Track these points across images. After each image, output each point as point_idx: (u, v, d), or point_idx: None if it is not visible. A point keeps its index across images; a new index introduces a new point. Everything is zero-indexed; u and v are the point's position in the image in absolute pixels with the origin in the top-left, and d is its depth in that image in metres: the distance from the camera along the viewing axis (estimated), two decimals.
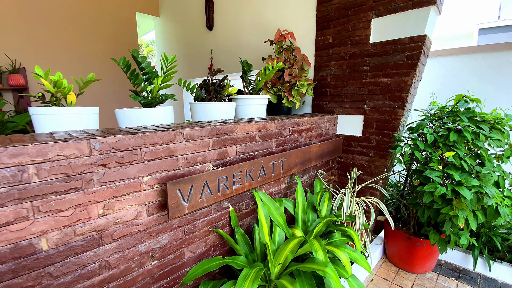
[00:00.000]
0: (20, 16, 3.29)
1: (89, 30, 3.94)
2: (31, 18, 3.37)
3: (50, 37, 3.55)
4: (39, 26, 3.44)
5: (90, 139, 0.93)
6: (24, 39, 3.30)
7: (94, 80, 1.36)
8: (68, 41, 3.72)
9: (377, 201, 1.91)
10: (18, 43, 3.26)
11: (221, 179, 1.34)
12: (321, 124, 2.21)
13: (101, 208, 0.99)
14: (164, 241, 1.21)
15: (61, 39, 3.66)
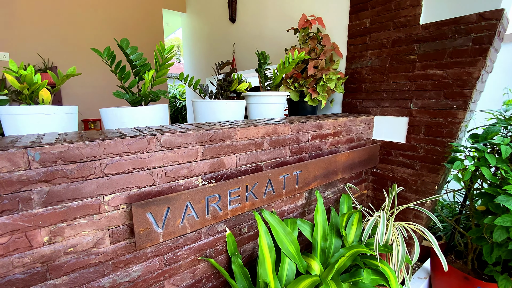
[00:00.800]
0: (52, 17, 3.41)
1: (116, 28, 3.98)
2: (61, 18, 3.47)
3: (79, 35, 3.64)
4: (69, 26, 3.54)
5: (28, 148, 0.72)
6: (56, 39, 3.42)
7: (75, 74, 1.18)
8: (96, 39, 3.79)
9: (423, 229, 1.46)
10: (50, 43, 3.38)
11: (211, 198, 1.06)
12: (352, 128, 1.81)
13: (46, 234, 0.78)
14: (135, 274, 0.98)
15: (89, 37, 3.73)
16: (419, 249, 1.41)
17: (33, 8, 3.31)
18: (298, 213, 1.58)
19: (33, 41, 3.29)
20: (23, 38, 3.25)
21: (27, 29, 3.29)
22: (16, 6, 3.23)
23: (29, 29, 3.30)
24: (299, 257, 1.32)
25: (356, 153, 1.77)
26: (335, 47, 2.13)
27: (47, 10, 3.37)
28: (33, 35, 3.30)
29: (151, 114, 1.27)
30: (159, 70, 1.36)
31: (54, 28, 3.44)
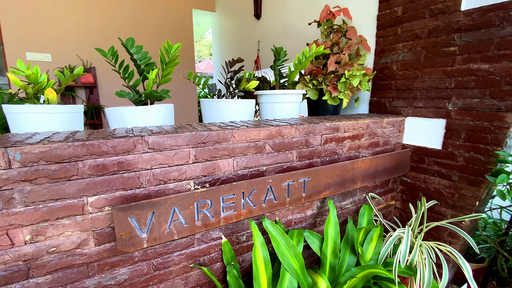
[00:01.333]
0: (89, 21, 3.68)
1: (148, 28, 4.16)
2: (97, 21, 3.73)
3: (114, 37, 3.88)
4: (104, 29, 3.79)
5: (8, 147, 0.73)
6: (93, 42, 3.68)
7: (80, 74, 1.20)
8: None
9: (454, 252, 1.22)
10: (88, 45, 3.65)
11: (201, 204, 0.99)
12: (377, 130, 1.60)
13: (28, 233, 0.79)
14: (122, 277, 0.96)
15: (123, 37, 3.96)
16: (447, 274, 1.18)
17: (73, 13, 3.61)
18: (308, 223, 1.44)
19: (73, 43, 3.59)
20: (64, 41, 3.57)
21: (68, 32, 3.61)
22: (58, 10, 3.55)
23: (69, 32, 3.61)
24: (303, 273, 1.19)
25: (380, 159, 1.56)
26: (362, 40, 1.92)
27: (85, 14, 3.65)
28: (73, 38, 3.60)
29: (153, 113, 1.24)
30: (164, 69, 1.33)
31: (91, 31, 3.71)
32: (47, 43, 3.49)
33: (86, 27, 3.68)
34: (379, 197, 1.67)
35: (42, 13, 3.46)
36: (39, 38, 3.45)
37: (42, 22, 3.47)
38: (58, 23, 3.54)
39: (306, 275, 1.21)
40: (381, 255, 1.28)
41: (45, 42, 3.48)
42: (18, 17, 3.36)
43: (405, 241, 1.25)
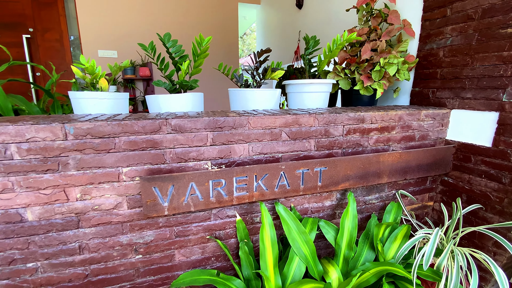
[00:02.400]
0: (145, 19, 4.12)
1: (195, 23, 4.45)
2: (152, 19, 4.15)
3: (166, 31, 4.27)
4: (157, 25, 4.20)
5: (65, 123, 0.94)
6: (149, 37, 4.12)
7: (126, 66, 1.41)
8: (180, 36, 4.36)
9: (489, 261, 1.09)
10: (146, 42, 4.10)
11: (215, 183, 1.10)
12: (412, 123, 1.48)
13: (78, 192, 1.01)
14: (148, 238, 1.14)
15: (174, 35, 4.33)
16: (477, 281, 1.06)
17: (133, 14, 4.09)
18: (325, 214, 1.44)
19: (134, 41, 4.07)
20: (127, 39, 4.08)
21: (130, 31, 4.11)
22: (122, 14, 4.06)
23: (131, 31, 4.11)
24: (313, 260, 1.21)
25: (413, 154, 1.45)
26: (406, 24, 1.75)
27: (142, 15, 4.11)
28: (134, 36, 4.09)
29: (183, 101, 1.39)
30: (196, 61, 1.47)
31: (148, 29, 4.16)
32: (114, 42, 4.05)
33: (144, 26, 4.14)
34: (411, 196, 1.55)
35: (110, 16, 4.02)
36: (107, 38, 4.03)
37: (110, 24, 4.03)
38: (122, 25, 4.07)
39: (317, 262, 1.23)
40: (399, 253, 1.21)
41: (112, 41, 4.04)
42: (92, 21, 3.97)
43: (431, 243, 1.17)
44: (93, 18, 3.98)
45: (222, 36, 4.63)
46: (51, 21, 4.02)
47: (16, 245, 0.98)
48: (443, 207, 1.39)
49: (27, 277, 1.01)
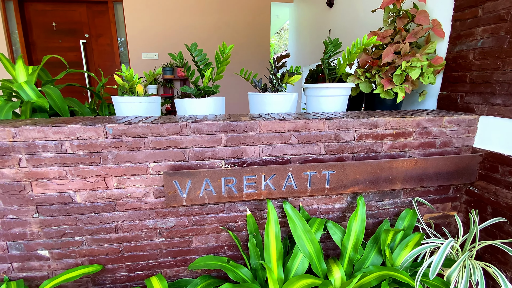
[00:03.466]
0: (182, 22, 4.41)
1: (228, 23, 4.62)
2: (187, 21, 4.43)
3: (200, 33, 4.53)
4: (193, 27, 4.47)
5: (106, 125, 1.14)
6: (187, 39, 4.41)
7: (159, 73, 1.61)
8: (213, 36, 4.58)
9: (499, 274, 1.04)
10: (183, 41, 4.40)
11: (226, 180, 1.23)
12: (432, 129, 1.44)
13: (115, 182, 1.22)
14: (170, 224, 1.32)
15: (210, 37, 4.56)
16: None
17: (171, 19, 4.41)
18: (335, 216, 1.48)
19: (172, 43, 4.41)
20: (166, 42, 4.43)
21: (169, 35, 4.45)
22: (162, 18, 4.40)
23: (170, 34, 4.44)
24: (318, 259, 1.28)
25: (431, 161, 1.41)
26: (436, 24, 1.67)
27: (180, 18, 4.41)
28: (172, 39, 4.42)
29: (206, 104, 1.54)
30: (219, 67, 1.61)
31: (185, 31, 4.46)
32: (155, 45, 4.44)
33: (181, 29, 4.46)
34: (429, 204, 1.51)
35: (152, 21, 4.40)
36: (150, 41, 4.43)
37: (152, 29, 4.41)
38: (163, 28, 4.44)
39: (321, 261, 1.29)
40: (404, 259, 1.22)
41: (154, 44, 4.43)
42: (137, 26, 4.39)
43: (440, 252, 1.16)
44: (138, 24, 4.40)
45: (254, 34, 4.75)
46: (103, 27, 4.55)
47: (67, 222, 1.23)
48: (457, 219, 1.34)
49: (74, 248, 1.26)
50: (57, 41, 4.48)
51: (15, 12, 4.17)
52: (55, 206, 1.20)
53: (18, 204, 1.17)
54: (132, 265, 1.34)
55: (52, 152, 1.13)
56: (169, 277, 1.39)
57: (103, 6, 4.46)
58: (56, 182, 1.17)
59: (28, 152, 1.12)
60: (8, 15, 4.19)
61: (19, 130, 1.09)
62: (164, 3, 4.41)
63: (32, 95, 1.46)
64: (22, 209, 1.18)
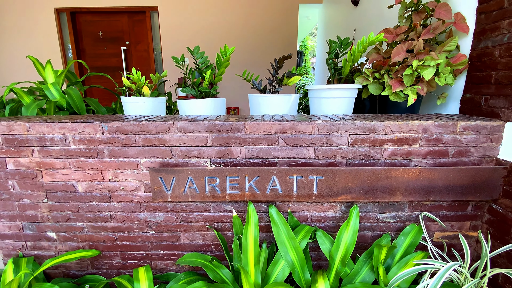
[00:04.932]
0: (209, 25, 4.59)
1: (257, 25, 4.67)
2: (215, 25, 4.59)
3: (228, 35, 4.65)
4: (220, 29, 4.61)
5: (102, 122, 1.25)
6: (213, 43, 4.58)
7: (164, 76, 1.70)
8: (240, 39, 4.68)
9: None
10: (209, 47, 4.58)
11: (209, 179, 1.25)
12: (443, 136, 1.28)
13: (110, 175, 1.32)
14: (159, 218, 1.38)
15: (236, 37, 4.67)
16: None
17: (201, 23, 4.62)
18: (327, 225, 1.40)
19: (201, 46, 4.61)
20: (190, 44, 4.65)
21: (198, 39, 4.66)
22: (193, 23, 4.63)
23: (198, 38, 4.65)
24: (301, 267, 1.23)
25: (439, 172, 1.25)
26: (459, 18, 1.49)
27: (207, 21, 4.60)
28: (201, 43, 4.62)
29: (204, 105, 1.59)
30: (219, 69, 1.64)
31: (211, 35, 4.63)
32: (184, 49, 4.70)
33: (207, 32, 4.66)
34: (440, 221, 1.34)
35: (183, 28, 4.67)
36: (179, 45, 4.70)
37: (183, 35, 4.68)
38: (192, 33, 4.68)
39: (305, 271, 1.24)
40: (394, 279, 1.10)
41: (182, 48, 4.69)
42: (170, 33, 4.70)
43: (438, 275, 1.03)
44: (170, 31, 4.71)
45: (281, 37, 4.73)
46: (141, 35, 4.95)
47: (71, 208, 1.36)
48: (463, 241, 1.16)
49: (76, 232, 1.39)
50: (103, 48, 5.01)
51: (68, 22, 4.78)
52: (61, 194, 1.35)
53: (31, 189, 1.34)
54: (125, 254, 1.43)
55: (58, 145, 1.28)
56: (159, 269, 1.46)
57: (142, 15, 4.86)
58: (61, 172, 1.32)
59: (39, 144, 1.28)
60: (62, 26, 4.82)
61: (32, 125, 1.25)
62: (194, 10, 4.65)
63: (56, 94, 1.66)
64: (34, 194, 1.35)
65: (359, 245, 1.42)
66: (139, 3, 4.71)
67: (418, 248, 1.39)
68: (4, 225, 1.41)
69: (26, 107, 1.57)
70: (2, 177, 1.33)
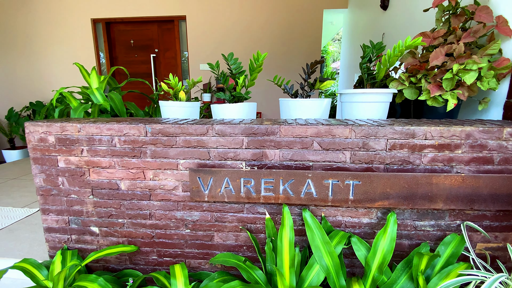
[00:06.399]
0: (234, 34, 4.69)
1: (282, 31, 4.73)
2: (240, 32, 4.69)
3: (253, 41, 4.74)
4: (246, 35, 4.70)
5: (146, 124, 1.33)
6: (239, 49, 4.68)
7: (199, 81, 1.78)
8: (265, 46, 4.75)
9: None
10: (235, 53, 4.68)
11: (245, 180, 1.28)
12: (487, 142, 1.23)
13: (151, 174, 1.39)
14: (195, 217, 1.42)
15: (259, 42, 4.74)
16: None
17: (225, 31, 4.74)
18: (362, 231, 1.37)
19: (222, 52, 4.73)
20: (214, 51, 4.78)
21: (222, 47, 4.79)
22: (218, 31, 4.77)
23: (223, 46, 4.78)
24: (336, 273, 1.22)
25: (484, 179, 1.20)
26: (500, 22, 1.43)
27: (232, 29, 4.71)
28: (226, 51, 4.74)
29: (237, 109, 1.63)
30: (251, 74, 1.69)
31: (237, 42, 4.73)
32: (209, 56, 4.84)
33: (233, 39, 4.76)
34: (483, 231, 1.27)
35: (209, 36, 4.82)
36: (205, 53, 4.86)
37: (208, 42, 4.83)
38: (217, 41, 4.82)
39: (340, 276, 1.22)
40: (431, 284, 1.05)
41: (207, 55, 4.84)
42: (196, 41, 4.87)
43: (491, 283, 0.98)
44: (197, 38, 4.89)
45: (306, 42, 4.76)
46: (170, 43, 5.18)
47: (113, 205, 1.44)
48: (510, 251, 1.09)
49: (117, 228, 1.47)
50: (134, 56, 5.29)
51: (103, 32, 5.11)
52: (105, 191, 1.44)
53: (79, 186, 1.44)
54: (161, 251, 1.49)
55: (105, 145, 1.37)
56: (192, 268, 1.50)
57: (171, 24, 5.09)
58: (107, 171, 1.40)
59: (88, 144, 1.38)
60: (98, 35, 5.15)
61: (82, 126, 1.35)
62: (220, 18, 4.80)
63: (100, 98, 1.78)
64: (81, 191, 1.45)
65: (395, 254, 1.38)
66: (168, 13, 4.93)
67: (459, 260, 1.33)
68: (52, 219, 1.52)
69: (74, 110, 1.70)
70: (53, 174, 1.45)
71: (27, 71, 5.40)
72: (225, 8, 4.77)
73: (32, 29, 5.19)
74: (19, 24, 5.19)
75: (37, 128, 1.40)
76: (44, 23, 5.14)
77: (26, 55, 5.32)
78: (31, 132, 1.41)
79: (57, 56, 5.25)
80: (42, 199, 1.49)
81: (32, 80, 5.43)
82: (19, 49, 5.30)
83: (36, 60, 5.33)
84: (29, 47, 5.27)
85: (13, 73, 5.44)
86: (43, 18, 5.11)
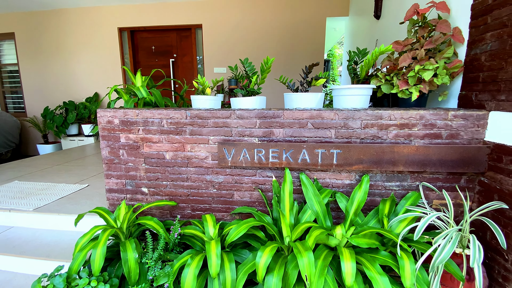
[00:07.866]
0: (243, 40, 5.20)
1: (287, 37, 5.21)
2: (248, 39, 5.20)
3: (260, 47, 5.24)
4: (253, 41, 5.21)
5: (186, 110, 1.83)
6: (249, 54, 5.19)
7: (221, 80, 2.28)
8: (271, 49, 5.24)
9: (471, 237, 1.25)
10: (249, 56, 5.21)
11: (257, 151, 1.76)
12: (437, 122, 1.67)
13: (189, 147, 1.89)
14: (220, 180, 1.92)
15: (266, 49, 5.24)
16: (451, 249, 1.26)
17: (237, 38, 5.27)
18: (345, 190, 1.83)
19: (237, 59, 5.25)
20: (231, 57, 5.30)
21: (235, 52, 5.31)
22: (229, 38, 5.30)
23: (235, 52, 5.30)
24: (323, 217, 1.68)
25: (433, 149, 1.64)
26: (455, 32, 1.87)
27: (241, 36, 5.22)
28: (238, 55, 5.26)
29: (251, 102, 2.12)
30: (262, 74, 2.18)
31: (247, 47, 5.24)
32: (224, 61, 5.38)
33: (244, 45, 5.28)
34: (436, 189, 1.71)
35: (222, 42, 5.36)
36: (219, 58, 5.40)
37: (222, 48, 5.37)
38: (229, 47, 5.34)
39: (326, 219, 1.68)
40: (392, 221, 1.50)
41: (221, 60, 5.38)
42: (211, 47, 5.41)
43: (425, 220, 1.43)
44: (211, 45, 5.43)
45: (310, 47, 5.23)
46: (187, 48, 5.75)
47: (160, 171, 1.95)
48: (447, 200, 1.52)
49: (162, 189, 1.98)
50: (154, 60, 5.89)
51: (128, 39, 5.73)
52: (154, 160, 1.95)
53: (135, 156, 1.96)
54: (194, 206, 1.98)
55: (156, 126, 1.88)
56: (217, 219, 1.99)
57: (188, 31, 5.66)
58: (156, 145, 1.92)
59: (143, 125, 1.89)
60: (123, 42, 5.77)
61: (140, 111, 1.87)
62: (232, 27, 5.33)
63: (144, 94, 2.30)
64: (136, 160, 1.96)
65: (370, 208, 1.83)
66: (186, 22, 5.50)
67: None
68: (113, 182, 2.04)
69: (126, 102, 2.22)
70: (116, 147, 1.97)
71: (61, 74, 6.08)
72: (237, 18, 5.31)
73: (65, 37, 5.86)
74: (54, 33, 5.88)
75: (106, 113, 1.93)
76: (75, 32, 5.80)
77: (60, 60, 6.00)
78: (101, 116, 1.94)
79: (87, 61, 5.90)
80: (106, 166, 2.02)
81: (65, 82, 6.11)
82: (53, 54, 5.99)
83: (69, 64, 6.00)
84: (62, 52, 5.95)
85: (48, 76, 6.13)
86: (75, 28, 5.78)
